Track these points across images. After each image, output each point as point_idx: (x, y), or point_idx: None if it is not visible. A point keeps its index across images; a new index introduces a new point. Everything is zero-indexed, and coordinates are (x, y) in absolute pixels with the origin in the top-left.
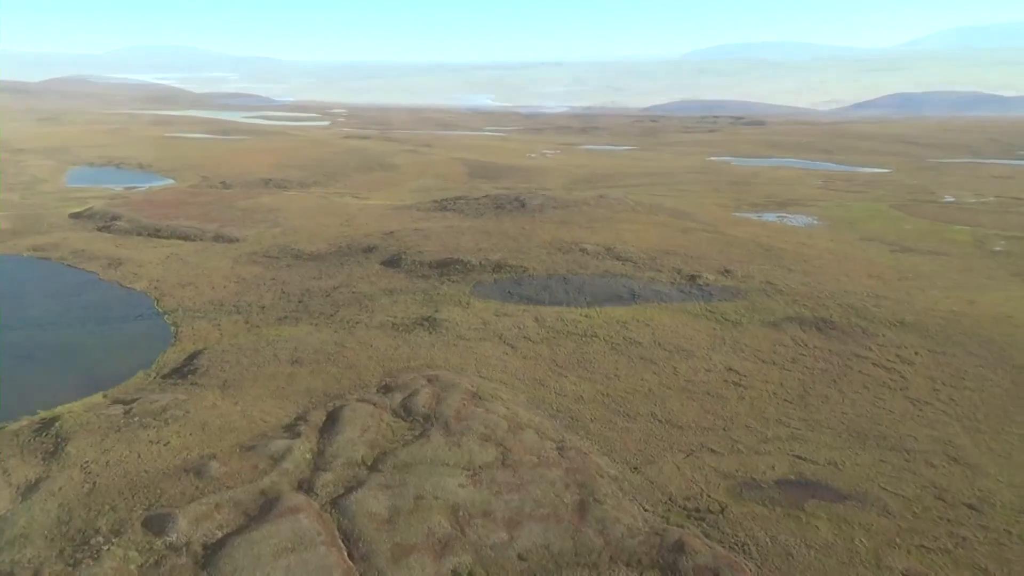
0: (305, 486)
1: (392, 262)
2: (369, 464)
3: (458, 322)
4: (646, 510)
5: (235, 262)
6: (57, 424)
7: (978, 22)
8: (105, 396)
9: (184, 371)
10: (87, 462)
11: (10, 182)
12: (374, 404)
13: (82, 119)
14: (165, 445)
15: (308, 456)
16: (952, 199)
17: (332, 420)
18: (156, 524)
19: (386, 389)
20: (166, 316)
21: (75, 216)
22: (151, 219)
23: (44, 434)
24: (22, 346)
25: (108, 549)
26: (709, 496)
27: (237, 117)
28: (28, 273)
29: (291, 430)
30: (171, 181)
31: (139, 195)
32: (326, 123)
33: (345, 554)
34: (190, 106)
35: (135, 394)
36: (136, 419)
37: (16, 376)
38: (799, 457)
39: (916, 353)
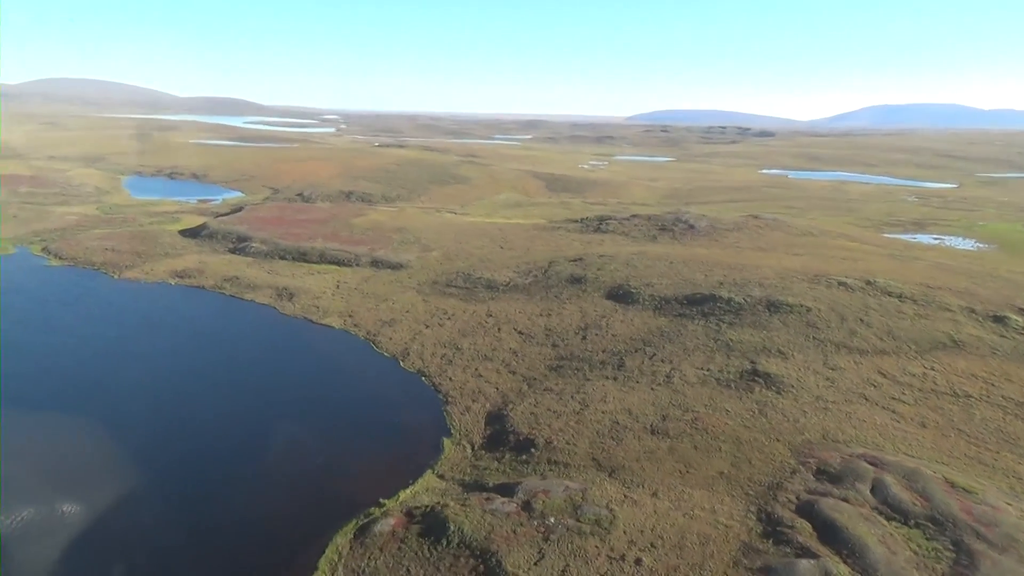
0: None
1: (621, 296)
2: None
3: (795, 376)
4: None
5: (420, 293)
6: (451, 529)
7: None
8: (441, 477)
9: (511, 442)
10: None
11: (74, 194)
12: (846, 500)
13: (85, 123)
14: (637, 564)
15: None
16: None
17: (823, 525)
18: None
19: (829, 476)
20: (402, 362)
21: (188, 235)
22: (286, 240)
23: (444, 543)
24: (269, 400)
25: None
26: None
27: (238, 123)
28: (194, 306)
29: (784, 541)
30: (239, 193)
31: (233, 209)
32: (331, 129)
33: None
34: (180, 110)
35: (477, 474)
36: (552, 522)
37: (280, 438)
38: None
39: None
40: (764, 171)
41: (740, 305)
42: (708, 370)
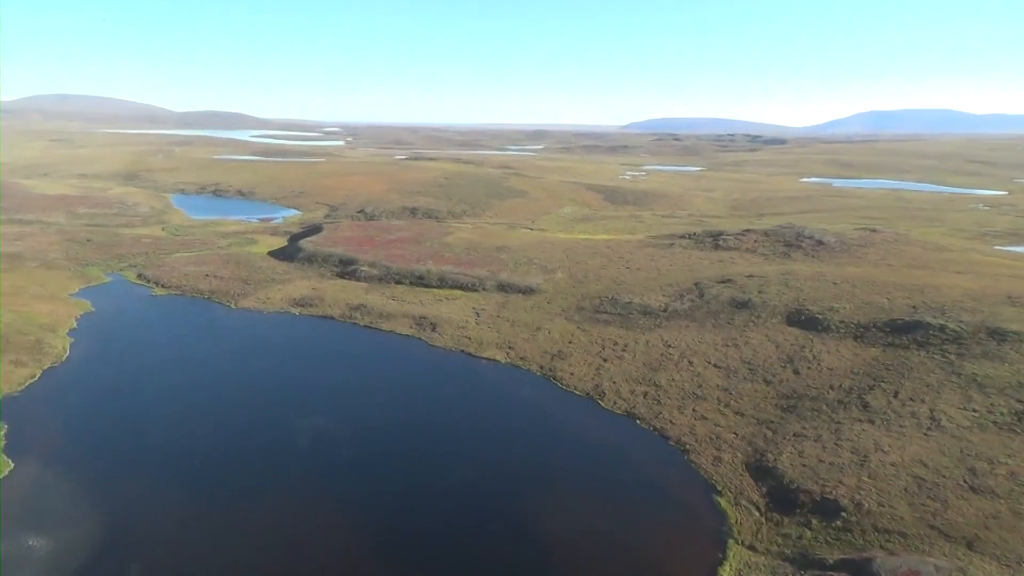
0: None
1: (806, 323)
2: None
3: None
4: None
5: (570, 320)
6: None
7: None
8: (752, 549)
9: (805, 503)
10: None
11: (133, 214)
12: None
13: (96, 140)
14: None
15: None
16: None
17: None
18: None
19: None
20: (601, 402)
21: (281, 258)
22: (395, 262)
23: None
24: (495, 454)
25: None
26: None
27: (244, 136)
28: (337, 339)
29: None
30: (295, 211)
31: (306, 228)
32: (339, 142)
33: None
34: (179, 124)
35: (792, 545)
36: None
37: (539, 502)
38: None
39: None
40: (805, 179)
41: (957, 333)
42: (974, 411)
